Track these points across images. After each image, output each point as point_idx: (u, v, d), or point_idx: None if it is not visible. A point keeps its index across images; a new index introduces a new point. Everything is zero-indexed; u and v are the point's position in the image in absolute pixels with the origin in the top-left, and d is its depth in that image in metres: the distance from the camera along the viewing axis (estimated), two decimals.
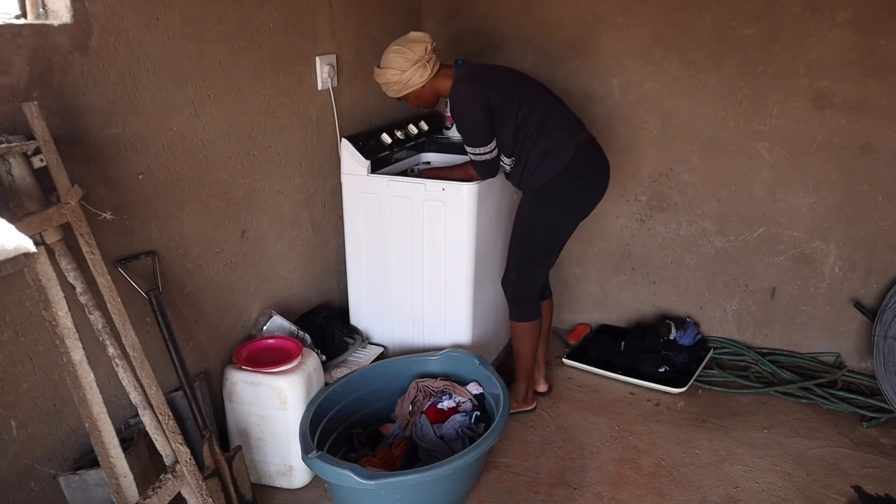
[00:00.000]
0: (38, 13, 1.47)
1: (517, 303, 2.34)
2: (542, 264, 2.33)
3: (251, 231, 2.14)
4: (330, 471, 1.72)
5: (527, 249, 2.27)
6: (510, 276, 2.33)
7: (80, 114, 1.54)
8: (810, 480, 2.16)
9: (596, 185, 2.25)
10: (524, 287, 2.32)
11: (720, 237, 2.82)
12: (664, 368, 2.70)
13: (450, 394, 2.17)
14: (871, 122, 2.48)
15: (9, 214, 1.30)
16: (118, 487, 1.46)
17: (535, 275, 2.32)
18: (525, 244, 2.26)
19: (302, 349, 2.04)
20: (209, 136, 1.92)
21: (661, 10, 2.63)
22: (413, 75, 2.09)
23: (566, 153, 2.11)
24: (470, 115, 2.08)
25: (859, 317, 2.68)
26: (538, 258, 2.29)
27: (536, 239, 2.24)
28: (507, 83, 2.14)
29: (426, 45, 2.10)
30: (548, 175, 2.13)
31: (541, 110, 2.13)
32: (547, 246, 2.28)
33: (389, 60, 2.11)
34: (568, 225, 2.27)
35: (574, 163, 2.12)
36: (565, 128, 2.16)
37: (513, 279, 2.32)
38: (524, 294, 2.32)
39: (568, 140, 2.13)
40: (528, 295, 2.33)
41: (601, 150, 2.25)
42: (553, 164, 2.12)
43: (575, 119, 2.22)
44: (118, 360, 1.50)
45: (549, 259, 2.33)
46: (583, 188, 2.21)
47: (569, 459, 2.25)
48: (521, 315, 2.35)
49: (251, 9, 1.99)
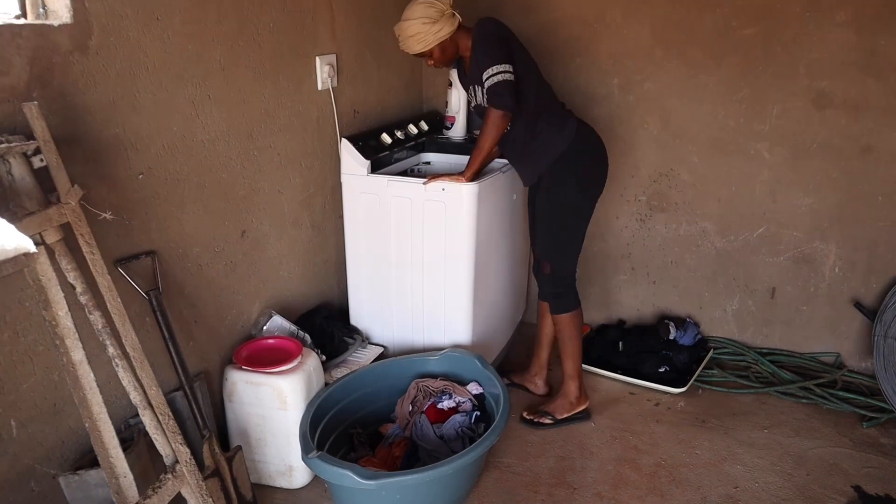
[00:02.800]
0: (38, 13, 1.47)
1: (556, 295, 2.33)
2: (573, 248, 2.32)
3: (251, 231, 2.14)
4: (330, 471, 1.73)
5: (555, 234, 2.28)
6: (544, 269, 2.32)
7: (80, 114, 1.54)
8: (810, 480, 2.16)
9: (603, 159, 2.29)
10: (560, 276, 2.31)
11: (720, 237, 2.82)
12: (664, 368, 2.70)
13: (450, 394, 2.17)
14: (871, 122, 2.48)
15: (9, 214, 1.30)
16: (118, 487, 1.46)
17: (568, 260, 2.32)
18: (551, 228, 2.28)
19: (302, 349, 2.04)
20: (209, 136, 1.92)
21: (661, 10, 2.63)
22: (444, 25, 2.11)
23: (570, 127, 2.19)
24: (490, 38, 2.07)
25: (859, 317, 2.68)
26: (566, 242, 2.29)
27: (561, 220, 2.26)
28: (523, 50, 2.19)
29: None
30: (559, 147, 2.18)
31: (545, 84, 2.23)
32: (572, 227, 2.28)
33: (417, 11, 2.11)
34: (587, 203, 2.29)
35: (579, 136, 2.19)
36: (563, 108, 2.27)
37: (547, 271, 2.31)
38: (561, 285, 2.32)
39: (569, 117, 2.23)
40: (566, 285, 2.33)
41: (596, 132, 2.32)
42: (563, 135, 2.18)
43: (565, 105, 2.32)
44: (118, 360, 1.50)
45: (576, 242, 2.32)
46: (594, 160, 2.26)
47: (569, 459, 2.25)
48: (562, 307, 2.33)
49: (251, 9, 1.99)
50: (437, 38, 2.13)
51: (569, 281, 2.35)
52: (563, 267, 2.32)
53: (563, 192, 2.22)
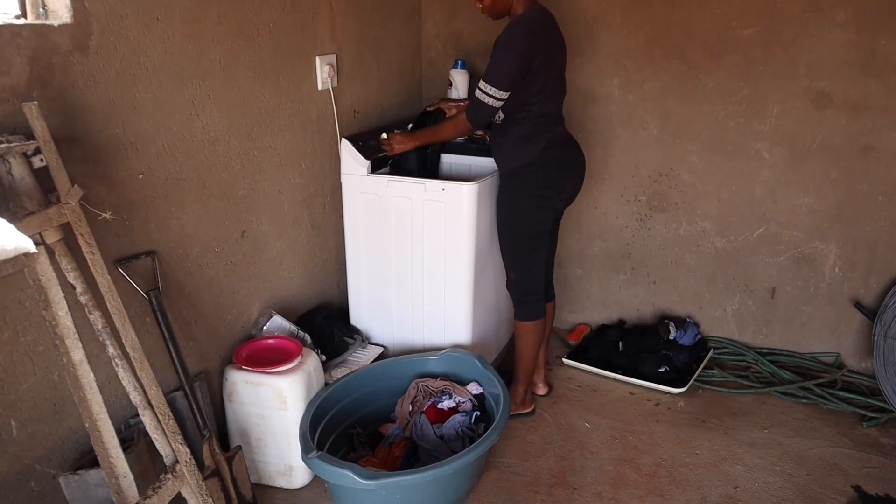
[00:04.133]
0: (38, 13, 1.47)
1: (520, 302, 2.34)
2: (532, 256, 2.29)
3: (251, 231, 2.14)
4: (330, 471, 1.73)
5: (511, 242, 2.28)
6: (510, 276, 2.34)
7: (80, 114, 1.54)
8: (810, 480, 2.16)
9: (562, 181, 2.26)
10: (524, 284, 2.31)
11: (720, 237, 2.82)
12: (664, 368, 2.70)
13: (450, 394, 2.17)
14: (871, 122, 2.48)
15: (9, 214, 1.30)
16: (118, 487, 1.46)
17: (530, 269, 2.30)
18: (508, 237, 2.29)
19: (302, 349, 2.04)
20: (209, 136, 1.92)
21: (661, 10, 2.63)
22: None
23: (538, 144, 2.16)
24: (509, 53, 2.03)
25: (859, 317, 2.68)
26: (524, 250, 2.28)
27: (516, 229, 2.25)
28: (554, 57, 2.14)
29: None
30: (516, 162, 2.19)
31: (550, 99, 2.18)
32: (528, 236, 2.26)
33: None
34: (543, 214, 2.25)
35: (542, 156, 2.16)
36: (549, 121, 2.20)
37: (512, 278, 2.33)
38: (526, 293, 2.32)
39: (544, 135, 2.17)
40: (531, 293, 2.32)
41: (575, 147, 2.29)
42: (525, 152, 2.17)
43: (558, 114, 2.26)
44: (118, 360, 1.50)
45: (536, 251, 2.29)
46: (548, 182, 2.21)
47: (569, 459, 2.25)
48: (524, 314, 2.34)
49: (251, 9, 1.99)
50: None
51: (534, 291, 2.32)
52: (526, 274, 2.30)
53: (515, 202, 2.22)
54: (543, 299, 2.37)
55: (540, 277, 2.35)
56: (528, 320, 2.34)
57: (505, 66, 2.03)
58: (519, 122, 2.17)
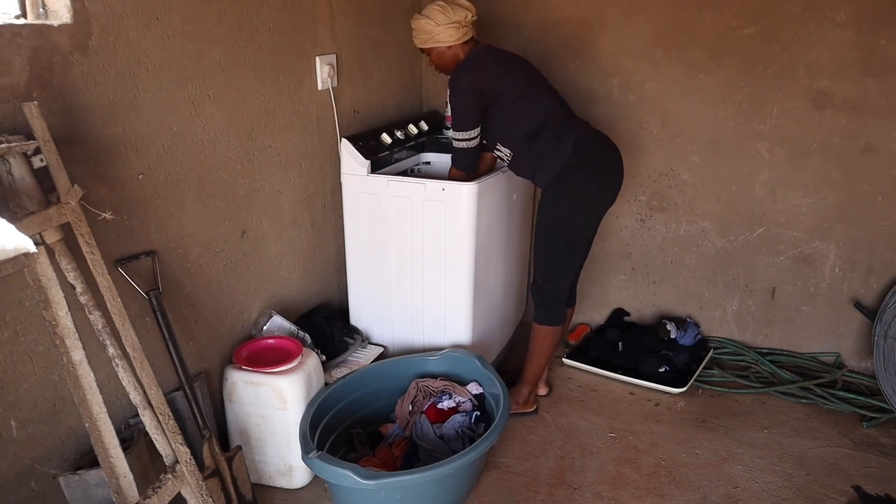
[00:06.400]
0: (38, 13, 1.47)
1: (542, 306, 2.32)
2: (567, 264, 2.29)
3: (251, 231, 2.14)
4: (330, 471, 1.73)
5: (549, 249, 2.25)
6: (538, 281, 2.30)
7: (80, 114, 1.54)
8: (810, 480, 2.16)
9: (605, 176, 2.23)
10: (551, 290, 2.29)
11: (720, 237, 2.82)
12: (664, 368, 2.70)
13: (450, 394, 2.17)
14: (871, 122, 2.48)
15: (9, 214, 1.30)
16: (118, 487, 1.46)
17: (562, 276, 2.29)
18: (546, 244, 2.25)
19: (302, 349, 2.04)
20: (209, 136, 1.92)
21: (661, 10, 2.63)
22: (444, 32, 2.16)
23: (566, 148, 2.14)
24: (460, 98, 2.15)
25: (859, 317, 2.68)
26: (561, 257, 2.26)
27: (555, 237, 2.23)
28: (513, 73, 2.18)
29: (467, 14, 2.18)
30: (553, 170, 2.15)
31: (543, 104, 2.18)
32: (568, 243, 2.24)
33: (431, 12, 2.18)
34: (587, 219, 2.25)
35: (575, 156, 2.13)
36: (566, 124, 2.20)
37: (540, 283, 2.29)
38: (550, 298, 2.30)
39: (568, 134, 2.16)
40: (555, 299, 2.30)
41: (607, 141, 2.25)
42: (559, 154, 2.14)
43: (573, 115, 2.26)
44: (118, 360, 1.50)
45: (572, 258, 2.29)
46: (592, 180, 2.19)
47: (569, 459, 2.25)
48: (544, 318, 2.32)
49: (251, 9, 1.99)
50: (435, 42, 2.19)
51: (559, 297, 2.31)
52: (556, 281, 2.29)
53: (558, 209, 2.20)
54: (565, 306, 2.35)
55: (567, 285, 2.34)
56: (548, 325, 2.32)
57: (461, 110, 2.17)
58: (526, 143, 2.17)
